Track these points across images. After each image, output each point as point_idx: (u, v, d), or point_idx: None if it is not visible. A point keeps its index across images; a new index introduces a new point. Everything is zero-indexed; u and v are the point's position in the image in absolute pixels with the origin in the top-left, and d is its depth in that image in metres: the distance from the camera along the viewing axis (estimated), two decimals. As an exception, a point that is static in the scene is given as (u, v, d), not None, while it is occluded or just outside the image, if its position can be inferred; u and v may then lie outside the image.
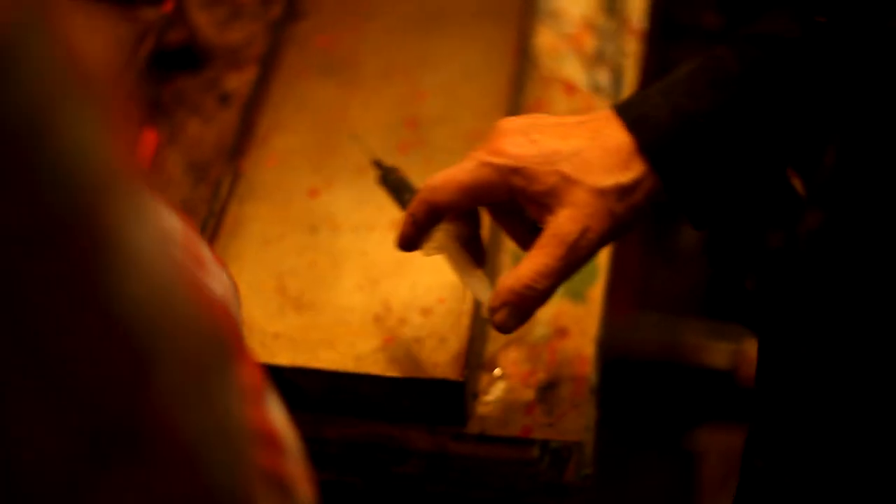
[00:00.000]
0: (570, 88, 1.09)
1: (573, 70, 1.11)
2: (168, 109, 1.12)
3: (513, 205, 0.72)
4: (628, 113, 0.69)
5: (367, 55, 1.12)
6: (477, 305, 0.84)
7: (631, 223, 0.70)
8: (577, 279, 0.92)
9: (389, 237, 0.86)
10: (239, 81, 1.12)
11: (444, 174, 0.71)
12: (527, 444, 0.85)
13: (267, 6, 1.20)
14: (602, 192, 0.67)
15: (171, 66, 1.15)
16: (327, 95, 1.09)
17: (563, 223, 0.67)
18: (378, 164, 0.82)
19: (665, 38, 1.45)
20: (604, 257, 0.94)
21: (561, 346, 0.90)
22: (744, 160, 0.70)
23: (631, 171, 0.68)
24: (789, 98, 0.70)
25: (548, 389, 0.88)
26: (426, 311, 0.88)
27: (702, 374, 1.62)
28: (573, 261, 0.68)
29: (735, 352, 1.51)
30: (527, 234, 0.73)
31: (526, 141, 0.68)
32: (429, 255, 0.75)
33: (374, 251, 0.93)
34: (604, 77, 1.11)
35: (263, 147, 1.05)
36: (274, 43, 1.12)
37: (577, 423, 0.86)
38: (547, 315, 0.91)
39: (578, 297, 0.93)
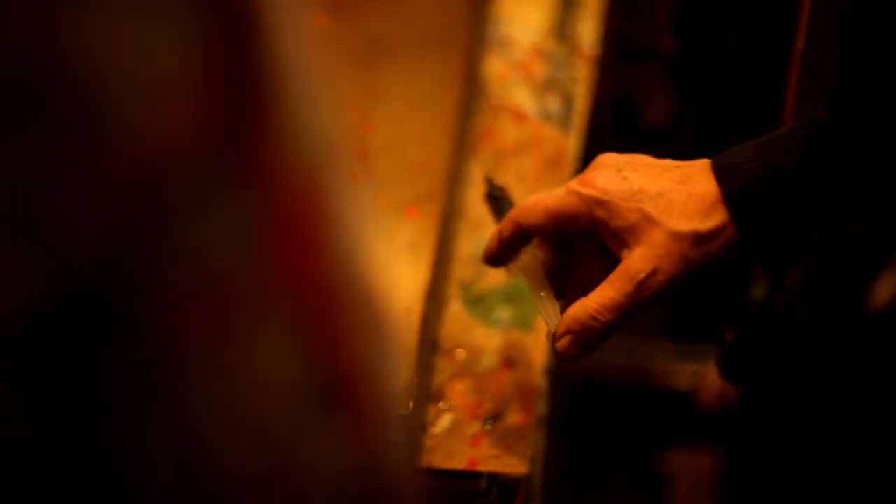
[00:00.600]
0: (519, 116, 1.09)
1: (523, 98, 1.11)
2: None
3: (597, 236, 0.74)
4: (719, 162, 0.70)
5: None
6: (428, 344, 0.83)
7: (704, 272, 0.70)
8: (527, 308, 0.92)
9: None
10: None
11: (534, 197, 0.73)
12: (474, 476, 0.85)
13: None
14: (678, 236, 0.68)
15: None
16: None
17: (636, 261, 0.68)
18: (488, 181, 0.83)
19: (622, 62, 1.45)
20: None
21: (508, 377, 0.90)
22: (822, 218, 0.69)
23: (711, 220, 0.68)
24: (880, 166, 0.67)
25: (495, 421, 0.87)
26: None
27: (669, 396, 1.62)
28: (639, 299, 0.68)
29: (695, 374, 1.51)
30: (607, 267, 0.73)
31: (617, 176, 0.70)
32: (512, 274, 0.78)
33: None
34: (554, 104, 1.11)
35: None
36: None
37: (524, 455, 0.85)
38: (494, 345, 0.90)
39: (527, 326, 0.93)
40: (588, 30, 1.18)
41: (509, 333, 0.92)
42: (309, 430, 0.29)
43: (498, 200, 0.82)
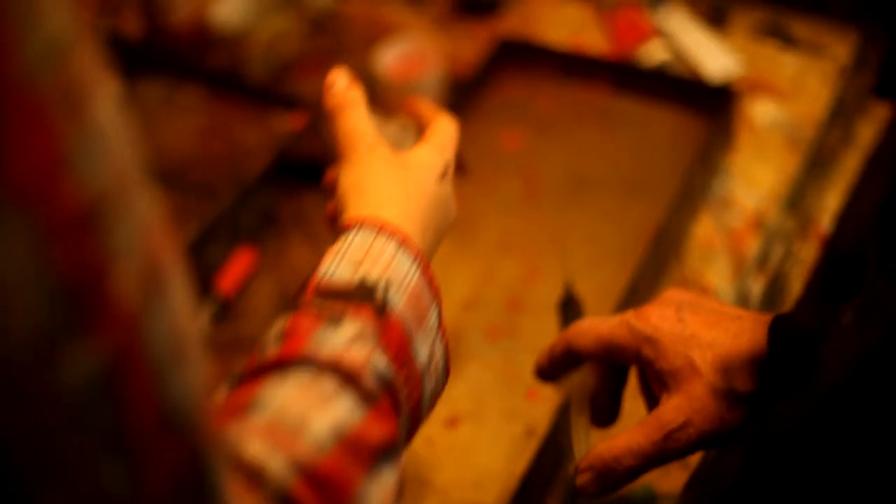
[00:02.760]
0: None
1: (719, 277, 0.94)
2: (282, 227, 1.05)
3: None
4: (777, 323, 0.64)
5: (491, 222, 1.01)
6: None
7: (738, 433, 0.65)
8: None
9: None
10: (361, 211, 1.04)
11: (591, 321, 0.70)
12: None
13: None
14: (717, 393, 0.63)
15: (304, 177, 1.09)
16: (441, 255, 0.99)
17: (669, 409, 0.64)
18: (567, 288, 0.79)
19: None
20: None
21: None
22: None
23: (754, 383, 0.63)
24: None
25: None
26: None
27: None
28: (666, 450, 0.64)
29: None
30: (652, 404, 0.69)
31: (674, 316, 0.66)
32: (559, 392, 0.75)
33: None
34: (758, 287, 0.93)
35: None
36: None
37: None
38: None
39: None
40: (832, 202, 0.99)
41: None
42: (54, 341, 0.29)
43: (568, 312, 0.78)
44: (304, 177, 1.09)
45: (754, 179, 1.02)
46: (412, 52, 1.15)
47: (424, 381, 0.58)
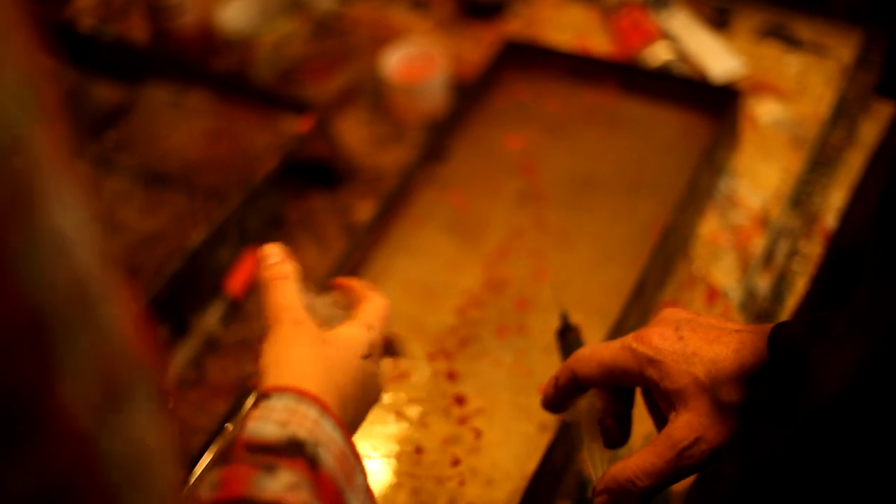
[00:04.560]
0: (712, 295, 0.93)
1: (725, 275, 0.94)
2: (290, 229, 1.06)
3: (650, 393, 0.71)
4: (777, 332, 0.65)
5: (498, 223, 1.02)
6: None
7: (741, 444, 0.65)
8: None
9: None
10: (369, 212, 1.04)
11: (592, 348, 0.71)
12: None
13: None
14: (725, 407, 0.64)
15: (311, 179, 1.10)
16: (445, 256, 1.00)
17: (680, 427, 0.65)
18: (563, 318, 0.80)
19: None
20: None
21: None
22: None
23: (759, 393, 0.64)
24: None
25: None
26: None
27: None
28: (680, 467, 0.65)
29: None
30: (661, 424, 0.70)
31: (673, 335, 0.67)
32: (567, 420, 0.76)
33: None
34: (764, 284, 0.93)
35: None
36: (405, 182, 1.03)
37: None
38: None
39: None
40: (836, 201, 0.99)
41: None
42: None
43: (570, 341, 0.78)
44: (310, 179, 1.10)
45: (759, 178, 1.03)
46: (417, 55, 1.16)
47: None
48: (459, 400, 0.87)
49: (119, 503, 0.31)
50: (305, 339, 0.62)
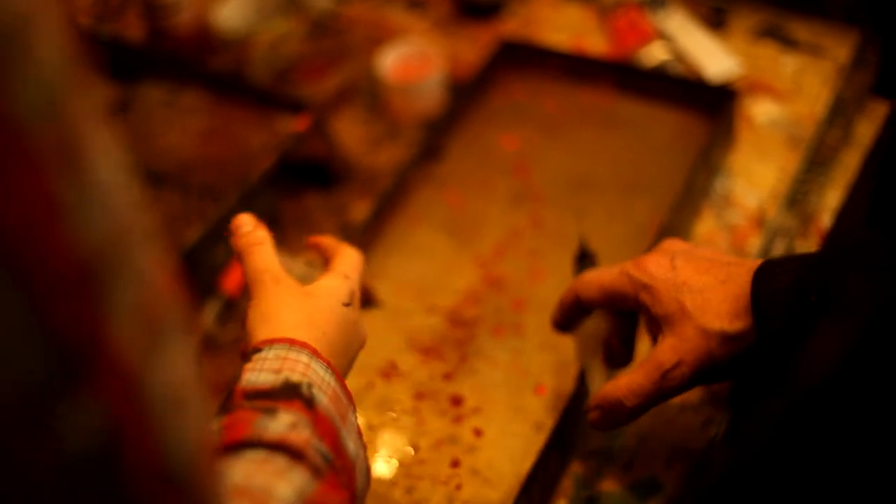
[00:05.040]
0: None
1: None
2: (285, 229, 1.06)
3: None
4: (762, 267, 0.70)
5: (494, 223, 1.02)
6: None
7: (729, 370, 0.70)
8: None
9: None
10: (365, 212, 1.04)
11: (595, 272, 0.76)
12: None
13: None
14: (707, 334, 0.69)
15: (307, 179, 1.10)
16: (441, 255, 0.99)
17: (664, 350, 0.69)
18: (581, 244, 0.84)
19: None
20: None
21: None
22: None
23: (740, 322, 0.68)
24: None
25: None
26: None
27: None
28: (664, 388, 0.70)
29: None
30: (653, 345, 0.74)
31: (668, 264, 0.72)
32: (575, 340, 0.80)
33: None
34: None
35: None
36: (401, 181, 1.03)
37: None
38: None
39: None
40: (832, 200, 0.99)
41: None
42: (50, 401, 0.28)
43: (583, 264, 0.83)
44: (306, 178, 1.10)
45: (755, 178, 1.03)
46: (414, 55, 1.16)
47: (356, 473, 0.60)
48: (455, 400, 0.87)
49: (164, 438, 0.32)
50: (288, 294, 0.66)
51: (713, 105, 1.06)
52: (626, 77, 1.12)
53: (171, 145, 1.13)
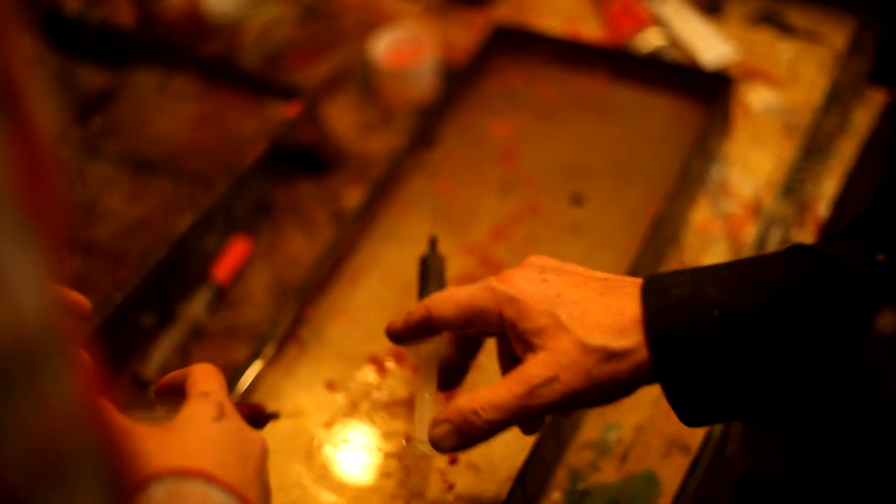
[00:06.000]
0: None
1: (715, 262, 0.93)
2: (277, 216, 1.05)
3: (506, 340, 0.69)
4: (650, 282, 0.65)
5: (487, 209, 1.01)
6: None
7: (607, 393, 0.65)
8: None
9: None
10: (357, 199, 1.03)
11: (450, 289, 0.70)
12: None
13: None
14: (586, 349, 0.63)
15: (299, 165, 1.08)
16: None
17: (535, 365, 0.63)
18: (431, 244, 0.79)
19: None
20: None
21: None
22: (749, 371, 0.62)
23: (625, 339, 0.63)
24: (819, 325, 0.61)
25: None
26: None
27: None
28: (529, 406, 0.63)
29: None
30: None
31: (537, 277, 0.66)
32: (408, 355, 0.76)
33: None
34: (757, 274, 0.93)
35: (339, 297, 0.95)
36: (394, 168, 1.02)
37: None
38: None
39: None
40: (828, 189, 0.99)
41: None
42: None
43: (430, 269, 0.77)
44: (298, 165, 1.09)
45: (751, 166, 1.02)
46: (406, 40, 1.14)
47: None
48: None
49: None
50: (153, 433, 0.58)
51: (709, 92, 1.05)
52: (620, 63, 1.11)
53: (162, 131, 1.12)
